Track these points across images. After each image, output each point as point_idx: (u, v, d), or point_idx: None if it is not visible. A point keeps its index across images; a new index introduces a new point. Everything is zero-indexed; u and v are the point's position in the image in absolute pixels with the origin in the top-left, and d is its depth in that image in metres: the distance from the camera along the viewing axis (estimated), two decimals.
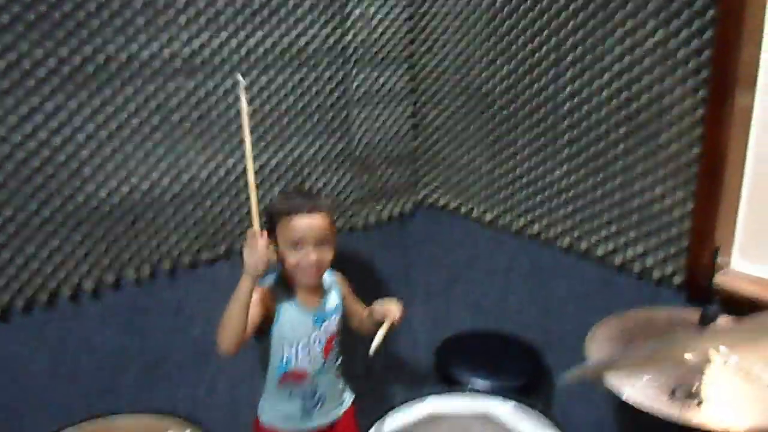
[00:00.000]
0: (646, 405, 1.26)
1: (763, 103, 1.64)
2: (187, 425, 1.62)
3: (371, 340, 1.62)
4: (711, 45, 1.58)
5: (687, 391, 1.29)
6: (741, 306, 1.60)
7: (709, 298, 1.55)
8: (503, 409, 1.63)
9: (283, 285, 1.70)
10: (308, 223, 1.62)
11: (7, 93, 1.63)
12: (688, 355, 1.34)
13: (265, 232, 1.54)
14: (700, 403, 1.26)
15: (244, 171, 1.94)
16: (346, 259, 1.87)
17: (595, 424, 2.01)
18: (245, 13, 1.93)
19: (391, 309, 1.69)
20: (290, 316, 1.68)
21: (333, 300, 1.76)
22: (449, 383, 1.99)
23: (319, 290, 1.75)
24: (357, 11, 2.15)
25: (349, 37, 2.15)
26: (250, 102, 1.96)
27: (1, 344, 1.78)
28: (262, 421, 1.78)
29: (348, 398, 1.86)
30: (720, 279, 1.68)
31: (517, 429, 1.55)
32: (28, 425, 1.83)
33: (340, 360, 1.81)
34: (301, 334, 1.69)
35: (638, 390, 1.30)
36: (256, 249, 1.49)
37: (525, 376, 1.98)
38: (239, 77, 1.60)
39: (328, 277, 1.78)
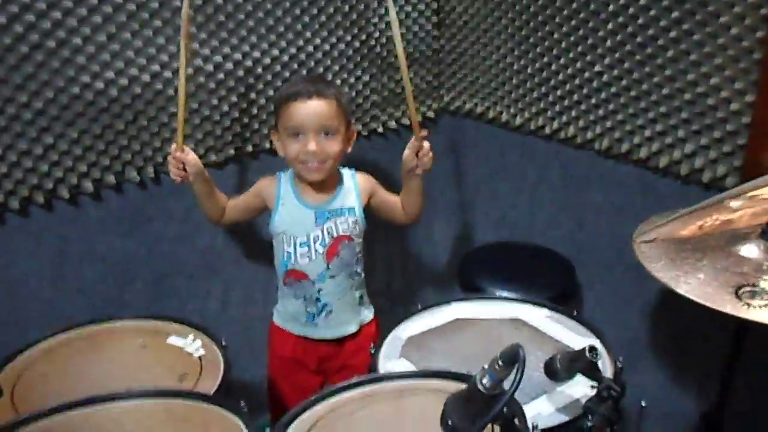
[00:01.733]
0: (706, 303, 1.11)
1: None
2: (191, 330, 1.52)
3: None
4: None
5: (749, 290, 1.14)
6: None
7: None
8: (536, 313, 1.50)
9: (292, 179, 1.62)
10: (308, 108, 1.48)
11: None
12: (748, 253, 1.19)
13: (183, 147, 1.56)
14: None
15: (237, 66, 1.80)
16: (361, 166, 1.72)
17: (628, 339, 1.89)
18: None
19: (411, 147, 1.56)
20: (289, 209, 1.59)
21: (346, 200, 1.62)
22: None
23: (329, 187, 1.61)
24: None
25: None
26: None
27: None
28: (275, 321, 1.73)
29: (365, 316, 1.73)
30: None
31: (553, 335, 1.42)
32: (28, 333, 1.73)
33: (356, 271, 1.67)
34: (299, 230, 1.59)
35: (695, 288, 1.16)
36: (170, 162, 1.56)
37: (555, 288, 1.84)
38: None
39: (348, 177, 1.64)
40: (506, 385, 0.85)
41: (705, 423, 1.56)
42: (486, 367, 0.85)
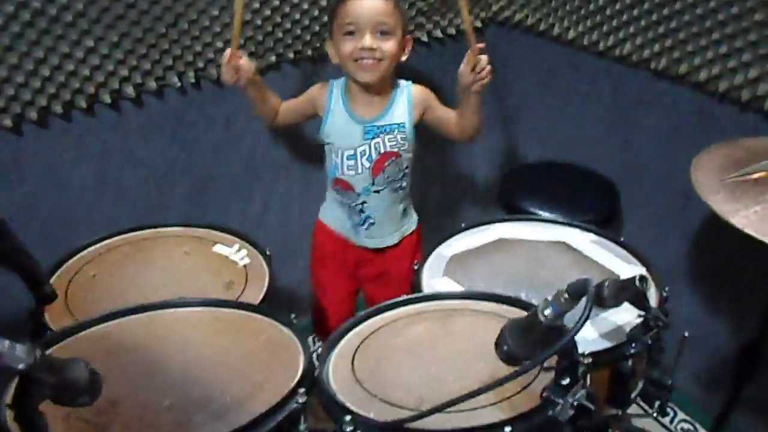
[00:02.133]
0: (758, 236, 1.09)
1: None
2: (234, 239, 1.53)
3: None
4: None
5: None
6: None
7: None
8: (581, 237, 1.48)
9: (344, 88, 1.58)
10: (366, 4, 1.44)
11: None
12: None
13: (237, 51, 1.52)
14: None
15: None
16: (408, 78, 1.67)
17: (673, 264, 1.88)
18: None
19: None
20: (337, 121, 1.58)
21: (397, 114, 1.58)
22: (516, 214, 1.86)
23: (381, 98, 1.56)
24: None
25: None
26: None
27: (43, 151, 1.67)
28: (320, 217, 1.76)
29: (408, 228, 1.73)
30: None
31: (598, 259, 1.41)
32: (73, 235, 1.76)
33: (402, 186, 1.66)
34: (347, 143, 1.58)
35: (753, 222, 1.13)
36: (224, 63, 1.53)
37: (598, 211, 1.82)
38: None
39: (403, 88, 1.59)
40: (568, 317, 0.85)
41: (743, 355, 1.57)
42: (549, 298, 0.85)
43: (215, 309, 1.22)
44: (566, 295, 0.82)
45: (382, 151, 1.57)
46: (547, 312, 0.84)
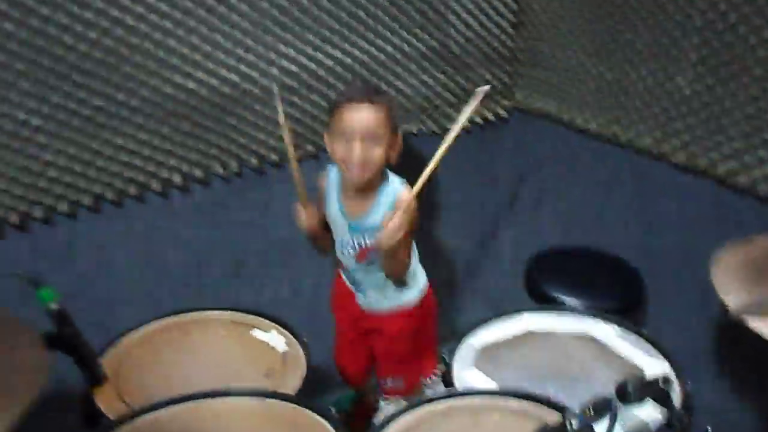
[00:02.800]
0: None
1: None
2: (272, 325, 1.60)
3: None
4: None
5: None
6: None
7: None
8: (605, 330, 1.54)
9: (339, 174, 1.67)
10: (358, 114, 1.54)
11: None
12: None
13: (308, 205, 1.66)
14: None
15: (326, 70, 1.86)
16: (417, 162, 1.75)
17: (695, 354, 1.90)
18: None
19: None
20: (331, 210, 1.70)
21: (380, 215, 1.61)
22: (537, 299, 1.91)
23: (368, 198, 1.64)
24: None
25: None
26: None
27: (94, 234, 1.78)
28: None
29: (407, 300, 1.76)
30: None
31: (621, 352, 1.46)
32: (119, 315, 1.86)
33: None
34: (337, 231, 1.71)
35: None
36: (299, 219, 1.66)
37: (623, 298, 1.87)
38: (274, 87, 1.64)
39: (391, 189, 1.64)
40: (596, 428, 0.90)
41: None
42: (577, 411, 0.90)
43: (260, 399, 1.28)
44: (592, 409, 0.88)
45: (364, 245, 1.65)
46: (574, 423, 0.89)
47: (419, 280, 1.78)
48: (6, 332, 1.12)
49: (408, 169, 1.64)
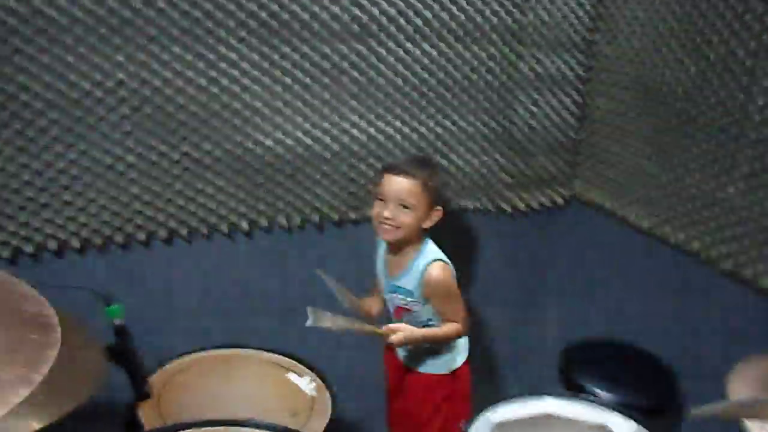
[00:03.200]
0: None
1: None
2: (307, 371, 1.72)
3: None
4: None
5: None
6: None
7: None
8: (624, 425, 1.55)
9: None
10: (395, 181, 1.72)
11: (198, 40, 1.77)
12: None
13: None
14: None
15: (392, 142, 2.02)
16: (486, 242, 1.85)
17: None
18: None
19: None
20: (378, 267, 1.88)
21: (409, 283, 1.78)
22: (570, 388, 1.93)
23: (404, 261, 1.79)
24: None
25: (529, 17, 2.09)
26: (410, 70, 2.02)
27: (164, 264, 1.97)
28: None
29: (437, 366, 1.86)
30: None
31: None
32: (173, 340, 2.00)
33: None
34: (381, 285, 1.88)
35: None
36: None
37: (654, 397, 1.87)
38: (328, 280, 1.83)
39: (423, 261, 1.76)
40: None
41: None
42: None
43: None
44: None
45: (397, 305, 1.82)
46: None
47: (456, 350, 1.87)
48: (74, 336, 1.27)
49: (455, 241, 1.75)
